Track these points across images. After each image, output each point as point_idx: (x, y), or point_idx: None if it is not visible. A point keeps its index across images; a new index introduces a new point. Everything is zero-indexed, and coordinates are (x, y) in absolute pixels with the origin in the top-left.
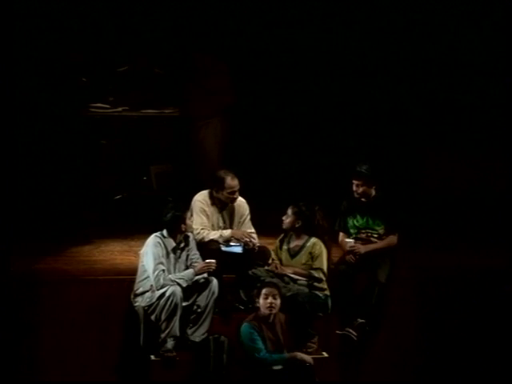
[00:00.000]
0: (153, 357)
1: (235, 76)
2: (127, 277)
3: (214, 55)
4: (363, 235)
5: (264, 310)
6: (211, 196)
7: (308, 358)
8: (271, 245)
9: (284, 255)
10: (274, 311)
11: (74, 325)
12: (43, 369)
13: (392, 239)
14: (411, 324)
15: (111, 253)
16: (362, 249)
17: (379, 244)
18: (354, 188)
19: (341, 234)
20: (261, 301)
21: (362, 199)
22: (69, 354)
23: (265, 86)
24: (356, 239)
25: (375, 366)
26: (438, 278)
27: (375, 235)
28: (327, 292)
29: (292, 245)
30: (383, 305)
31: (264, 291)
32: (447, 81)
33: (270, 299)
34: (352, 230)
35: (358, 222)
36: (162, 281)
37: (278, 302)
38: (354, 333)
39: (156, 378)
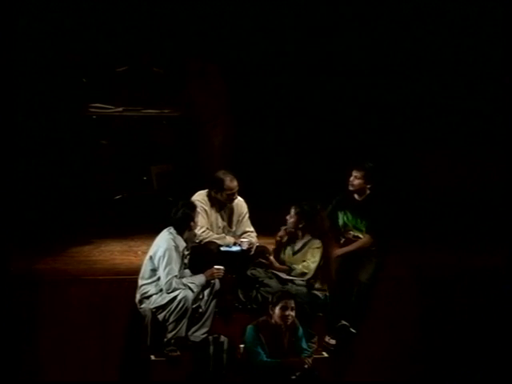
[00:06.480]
0: (153, 357)
1: (233, 77)
2: (127, 277)
3: (205, 58)
4: (350, 236)
5: (278, 320)
6: (210, 196)
7: (307, 361)
8: (272, 245)
9: (287, 252)
10: (289, 322)
11: (73, 325)
12: (43, 369)
13: (365, 240)
14: (410, 324)
15: (111, 253)
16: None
17: (351, 247)
18: (351, 179)
19: None
20: (277, 311)
21: (355, 195)
22: (69, 354)
23: (265, 85)
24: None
25: (374, 365)
26: (436, 278)
27: (361, 236)
28: (327, 292)
29: (297, 242)
30: (365, 305)
31: (283, 303)
32: (446, 81)
33: (288, 312)
34: (341, 225)
35: (347, 218)
36: (174, 284)
37: (294, 313)
38: (331, 342)
39: (156, 377)
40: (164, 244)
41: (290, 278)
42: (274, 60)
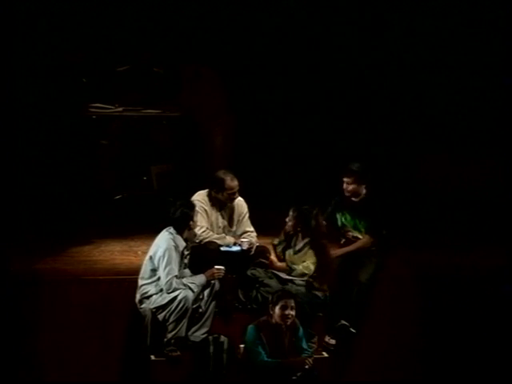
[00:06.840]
0: (153, 357)
1: (234, 77)
2: (127, 277)
3: (199, 62)
4: (349, 236)
5: (279, 320)
6: (210, 196)
7: (307, 361)
8: (271, 245)
9: (288, 252)
10: (289, 322)
11: (73, 325)
12: (43, 369)
13: (364, 241)
14: (410, 324)
15: (111, 253)
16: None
17: (351, 247)
18: (344, 186)
19: None
20: (277, 310)
21: (352, 198)
22: (68, 354)
23: (265, 86)
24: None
25: (374, 365)
26: (436, 278)
27: (360, 236)
28: (327, 292)
29: (297, 243)
30: (365, 305)
31: (282, 302)
32: (445, 82)
33: (287, 311)
34: (340, 226)
35: (346, 219)
36: (174, 284)
37: (294, 312)
38: (331, 342)
39: (156, 377)
40: (164, 244)
41: (290, 277)
42: (275, 60)
